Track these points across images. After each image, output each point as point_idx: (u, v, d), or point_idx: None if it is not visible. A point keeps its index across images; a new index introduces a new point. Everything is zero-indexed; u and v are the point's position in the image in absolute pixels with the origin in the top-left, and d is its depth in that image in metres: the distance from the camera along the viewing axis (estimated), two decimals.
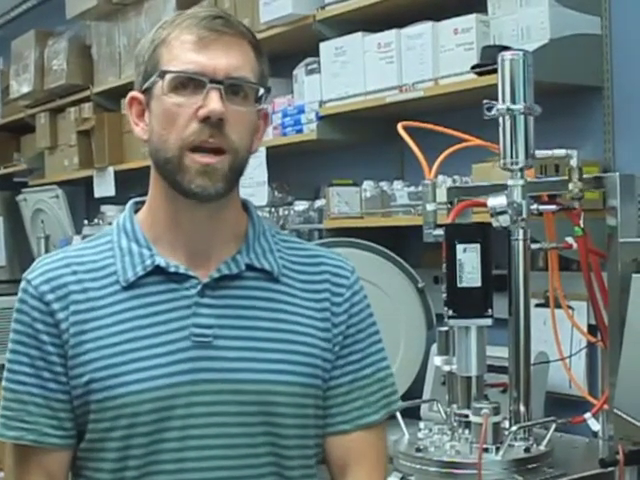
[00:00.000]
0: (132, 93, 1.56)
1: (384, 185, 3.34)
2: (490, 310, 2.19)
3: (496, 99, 2.23)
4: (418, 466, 2.15)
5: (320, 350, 1.56)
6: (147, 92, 1.52)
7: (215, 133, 1.45)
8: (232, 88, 1.47)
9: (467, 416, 2.20)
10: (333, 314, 1.58)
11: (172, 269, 1.51)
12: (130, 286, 1.52)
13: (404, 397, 2.86)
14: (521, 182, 2.22)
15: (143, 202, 1.60)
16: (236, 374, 1.50)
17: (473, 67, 2.86)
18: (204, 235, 1.54)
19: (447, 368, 2.32)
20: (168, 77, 1.47)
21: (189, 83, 1.47)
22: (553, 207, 2.30)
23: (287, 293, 1.57)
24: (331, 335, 1.57)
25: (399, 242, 3.31)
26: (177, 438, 1.47)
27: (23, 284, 1.55)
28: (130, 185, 4.33)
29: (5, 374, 1.53)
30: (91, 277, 1.53)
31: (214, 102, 1.44)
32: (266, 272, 1.56)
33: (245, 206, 1.62)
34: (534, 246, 2.31)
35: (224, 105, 1.45)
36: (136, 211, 1.60)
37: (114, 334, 1.49)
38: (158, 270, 1.52)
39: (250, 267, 1.55)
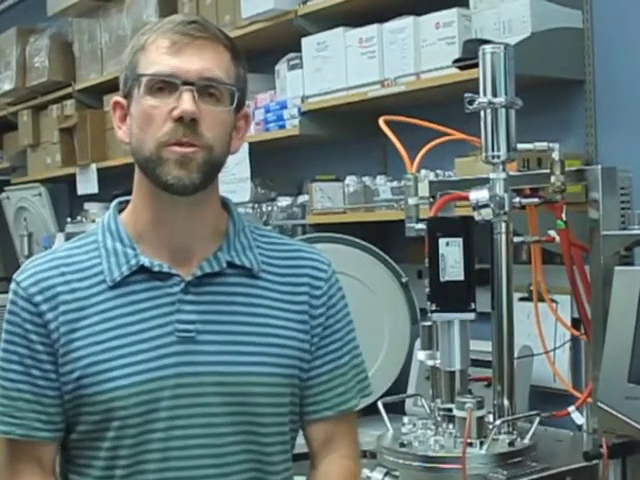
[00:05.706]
0: (115, 98, 1.63)
1: (367, 180, 3.34)
2: (473, 304, 2.18)
3: (478, 93, 2.22)
4: (402, 461, 2.14)
5: (298, 342, 1.63)
6: (128, 96, 1.58)
7: (188, 132, 1.51)
8: (206, 89, 1.54)
9: (451, 410, 2.20)
10: (312, 307, 1.66)
11: (156, 268, 1.58)
12: (116, 285, 1.58)
13: (388, 392, 2.88)
14: (503, 175, 2.22)
15: (127, 201, 1.66)
16: (218, 367, 1.57)
17: (455, 61, 2.86)
18: (185, 232, 1.60)
19: (431, 363, 2.31)
20: (144, 80, 1.54)
21: (164, 86, 1.54)
22: (535, 200, 2.29)
23: (266, 288, 1.64)
24: (309, 327, 1.65)
25: (382, 237, 3.31)
26: (164, 428, 1.54)
27: (13, 286, 1.62)
28: (113, 182, 4.32)
29: None
30: (79, 277, 1.59)
31: (186, 103, 1.51)
32: (246, 269, 1.62)
33: (225, 204, 1.68)
34: (517, 239, 2.30)
35: (197, 105, 1.51)
36: (120, 210, 1.66)
37: (102, 332, 1.56)
38: (142, 269, 1.58)
39: (231, 264, 1.61)
